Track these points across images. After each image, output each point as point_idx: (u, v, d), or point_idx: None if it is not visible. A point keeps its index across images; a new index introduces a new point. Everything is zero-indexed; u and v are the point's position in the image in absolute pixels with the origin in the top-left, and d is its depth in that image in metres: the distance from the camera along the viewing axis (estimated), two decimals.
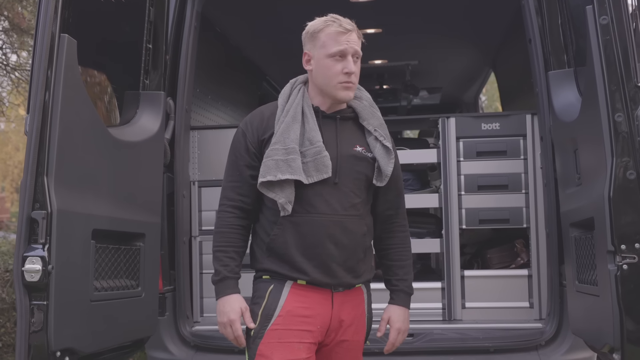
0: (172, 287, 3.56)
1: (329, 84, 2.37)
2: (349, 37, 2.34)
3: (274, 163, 2.31)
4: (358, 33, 2.39)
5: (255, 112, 2.50)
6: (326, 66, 2.35)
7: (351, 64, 2.33)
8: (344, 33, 2.34)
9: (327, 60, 2.35)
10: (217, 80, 4.76)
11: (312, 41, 2.38)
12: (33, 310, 2.53)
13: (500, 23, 4.70)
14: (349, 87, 2.36)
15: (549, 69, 3.26)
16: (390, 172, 2.42)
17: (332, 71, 2.34)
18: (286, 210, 2.32)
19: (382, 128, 2.45)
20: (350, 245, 2.37)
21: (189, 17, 3.62)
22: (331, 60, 2.34)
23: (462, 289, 3.61)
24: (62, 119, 2.61)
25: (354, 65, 2.35)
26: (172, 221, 3.57)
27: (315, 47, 2.38)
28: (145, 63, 3.38)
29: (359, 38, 2.39)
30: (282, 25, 4.74)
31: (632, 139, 2.41)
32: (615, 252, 2.41)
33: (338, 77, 2.34)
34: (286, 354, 2.30)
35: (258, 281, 2.45)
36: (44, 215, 2.54)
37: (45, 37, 2.58)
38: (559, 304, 3.30)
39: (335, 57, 2.34)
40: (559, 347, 3.27)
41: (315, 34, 2.37)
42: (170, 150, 3.54)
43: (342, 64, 2.33)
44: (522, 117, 3.62)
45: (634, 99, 2.42)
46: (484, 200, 3.63)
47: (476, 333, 3.38)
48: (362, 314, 2.48)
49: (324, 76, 2.37)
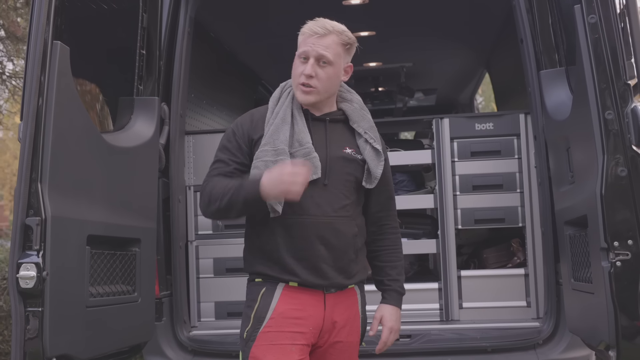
0: (168, 292, 3.57)
1: (293, 84, 2.40)
2: (317, 40, 2.33)
3: (263, 164, 2.32)
4: (339, 37, 2.35)
5: (245, 115, 2.51)
6: (294, 65, 2.38)
7: (308, 67, 2.32)
8: (311, 35, 2.33)
9: (296, 60, 2.38)
10: (212, 85, 4.77)
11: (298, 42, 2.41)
12: (28, 317, 2.53)
13: (494, 24, 4.71)
14: (305, 92, 2.35)
15: (540, 69, 3.28)
16: (379, 174, 2.43)
17: (296, 72, 2.37)
18: (276, 212, 2.32)
19: (372, 130, 2.46)
20: (340, 246, 2.37)
21: (182, 22, 3.63)
22: (298, 61, 2.36)
23: (459, 289, 3.61)
24: (55, 125, 2.61)
25: (320, 69, 2.33)
26: (168, 226, 3.58)
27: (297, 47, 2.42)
28: (139, 69, 3.39)
29: (338, 43, 2.35)
30: (276, 29, 4.76)
31: (622, 136, 2.42)
32: (609, 249, 2.42)
33: (298, 78, 2.35)
34: (279, 356, 2.29)
35: (251, 284, 2.46)
36: (38, 222, 2.54)
37: (38, 43, 2.59)
38: (555, 302, 3.30)
39: (301, 57, 2.35)
40: (556, 346, 3.27)
41: (299, 36, 2.40)
42: (165, 155, 3.54)
43: (304, 66, 2.34)
44: (515, 116, 3.63)
45: (623, 97, 2.43)
46: (479, 200, 3.63)
47: (474, 333, 3.38)
48: (356, 315, 2.48)
49: (292, 76, 2.40)
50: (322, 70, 2.33)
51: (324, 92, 2.37)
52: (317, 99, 2.37)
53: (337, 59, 2.35)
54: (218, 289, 3.74)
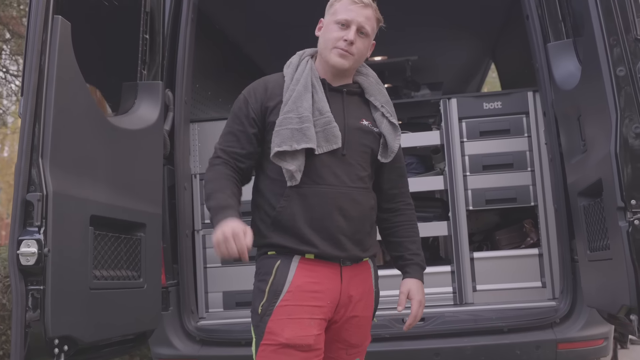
0: (175, 281, 3.50)
1: (327, 47, 2.35)
2: (359, 10, 2.33)
3: (289, 132, 2.26)
4: (375, 13, 2.37)
5: (258, 81, 2.46)
6: (329, 30, 2.35)
7: (351, 33, 2.31)
8: (354, 3, 2.33)
9: (332, 25, 2.35)
10: (217, 77, 4.75)
11: (329, 9, 2.40)
12: (29, 296, 2.45)
13: (498, 10, 4.68)
14: (344, 55, 2.32)
15: (547, 42, 3.22)
16: (396, 148, 2.41)
17: (333, 35, 2.33)
18: (295, 180, 2.25)
19: (388, 105, 2.44)
20: (358, 218, 2.31)
21: (185, 9, 3.61)
22: (336, 26, 2.34)
23: (472, 272, 3.53)
24: (56, 100, 2.56)
25: (359, 39, 2.32)
26: (173, 215, 3.52)
27: (328, 14, 2.39)
28: (142, 53, 3.36)
29: (374, 18, 2.36)
30: (281, 21, 4.74)
31: (635, 93, 2.36)
32: (626, 208, 2.34)
33: (337, 42, 2.32)
34: (297, 330, 2.22)
35: (262, 258, 2.36)
36: (40, 197, 2.47)
37: (39, 17, 2.56)
38: (571, 280, 3.21)
39: (339, 23, 2.33)
40: (574, 324, 3.17)
41: (333, 3, 2.39)
42: (170, 142, 3.50)
43: (345, 31, 2.32)
44: (523, 94, 3.57)
45: (634, 52, 2.37)
46: (489, 180, 3.57)
47: (489, 314, 3.29)
48: (370, 289, 2.41)
49: (324, 39, 2.36)
50: (360, 40, 2.34)
51: (357, 61, 2.38)
52: (350, 65, 2.35)
53: (372, 33, 2.38)
54: (226, 278, 3.67)
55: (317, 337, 2.24)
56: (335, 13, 2.35)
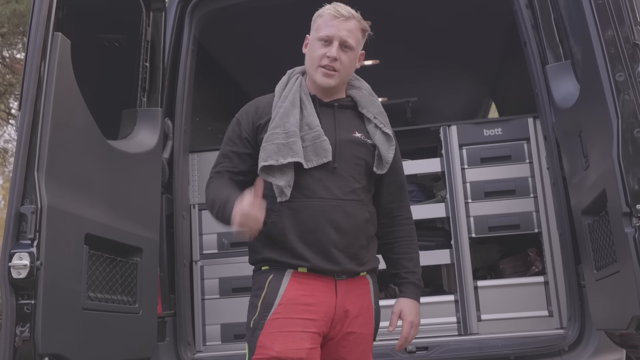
0: (172, 311, 3.40)
1: (312, 66, 2.36)
2: (340, 24, 2.33)
3: (275, 147, 2.25)
4: (359, 23, 2.37)
5: (250, 103, 2.48)
6: (313, 47, 2.36)
7: (333, 50, 2.30)
8: (336, 18, 2.33)
9: (316, 42, 2.35)
10: (217, 114, 4.76)
11: (313, 26, 2.41)
12: (20, 310, 2.39)
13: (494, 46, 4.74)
14: (328, 75, 2.32)
15: (545, 65, 3.24)
16: (390, 158, 2.36)
17: (317, 53, 2.33)
18: (285, 195, 2.24)
19: (381, 115, 2.42)
20: (351, 230, 2.26)
21: (186, 40, 3.66)
22: (319, 43, 2.34)
23: (477, 301, 3.42)
24: (54, 115, 2.56)
25: (343, 54, 2.32)
26: (171, 244, 3.46)
27: (312, 30, 2.40)
28: (142, 81, 3.39)
29: (358, 29, 2.36)
30: (280, 61, 4.79)
31: (635, 97, 2.34)
32: (631, 213, 2.29)
33: (320, 60, 2.32)
34: (288, 343, 2.15)
35: (257, 273, 2.34)
36: (33, 210, 2.44)
37: (39, 34, 2.59)
38: (579, 306, 3.11)
39: (322, 40, 2.33)
40: (583, 351, 3.05)
41: (316, 19, 2.40)
42: (169, 170, 3.48)
43: (327, 48, 2.32)
44: (523, 120, 3.56)
45: (632, 57, 2.37)
46: (492, 207, 3.51)
47: (494, 342, 3.18)
48: (369, 305, 2.34)
49: (309, 57, 2.37)
50: (345, 54, 2.33)
51: (344, 76, 2.37)
52: (337, 83, 2.35)
53: (357, 45, 2.37)
54: (224, 310, 3.57)
55: (310, 351, 2.17)
56: (318, 29, 2.35)
